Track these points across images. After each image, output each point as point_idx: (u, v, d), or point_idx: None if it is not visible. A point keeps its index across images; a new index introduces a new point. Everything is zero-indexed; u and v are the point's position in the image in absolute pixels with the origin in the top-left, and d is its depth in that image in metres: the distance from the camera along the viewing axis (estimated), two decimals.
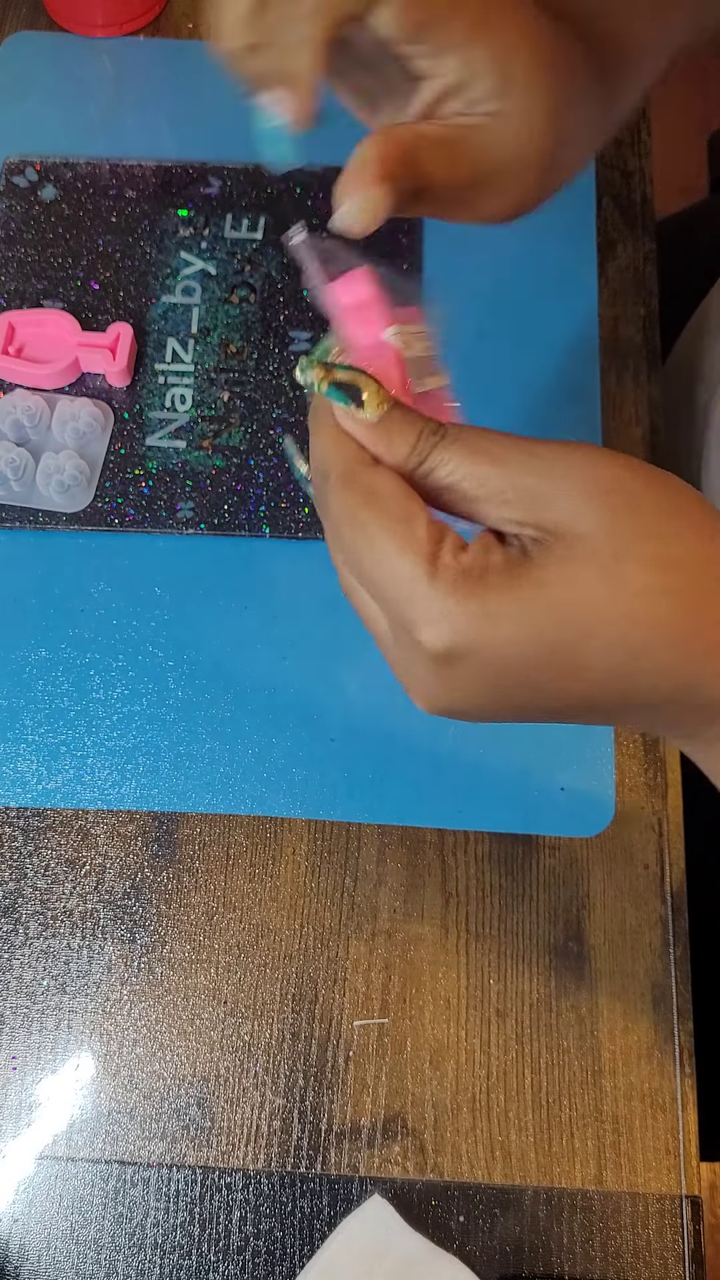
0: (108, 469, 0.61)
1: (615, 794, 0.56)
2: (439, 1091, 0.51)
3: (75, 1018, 0.52)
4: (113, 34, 0.73)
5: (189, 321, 0.65)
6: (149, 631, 0.59)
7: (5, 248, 0.67)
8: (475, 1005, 0.53)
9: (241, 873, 0.55)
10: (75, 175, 0.68)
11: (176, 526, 0.60)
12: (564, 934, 0.54)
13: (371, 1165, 0.50)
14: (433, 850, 0.55)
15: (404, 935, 0.54)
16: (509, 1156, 0.50)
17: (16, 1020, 0.52)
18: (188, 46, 0.73)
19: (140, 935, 0.54)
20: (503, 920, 0.54)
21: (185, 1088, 0.51)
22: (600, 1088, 0.51)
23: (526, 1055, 0.52)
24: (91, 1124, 0.51)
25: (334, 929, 0.54)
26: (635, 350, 0.64)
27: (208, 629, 0.59)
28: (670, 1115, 0.51)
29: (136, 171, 0.69)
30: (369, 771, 0.56)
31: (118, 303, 0.65)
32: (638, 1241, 0.49)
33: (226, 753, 0.56)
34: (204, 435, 0.62)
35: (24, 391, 0.62)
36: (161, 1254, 0.49)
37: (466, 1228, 0.50)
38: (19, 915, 0.54)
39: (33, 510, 0.60)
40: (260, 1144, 0.51)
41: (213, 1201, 0.50)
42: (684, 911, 0.54)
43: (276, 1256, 0.49)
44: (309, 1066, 0.52)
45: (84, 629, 0.59)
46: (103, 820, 0.55)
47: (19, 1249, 0.50)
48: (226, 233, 0.67)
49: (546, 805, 0.56)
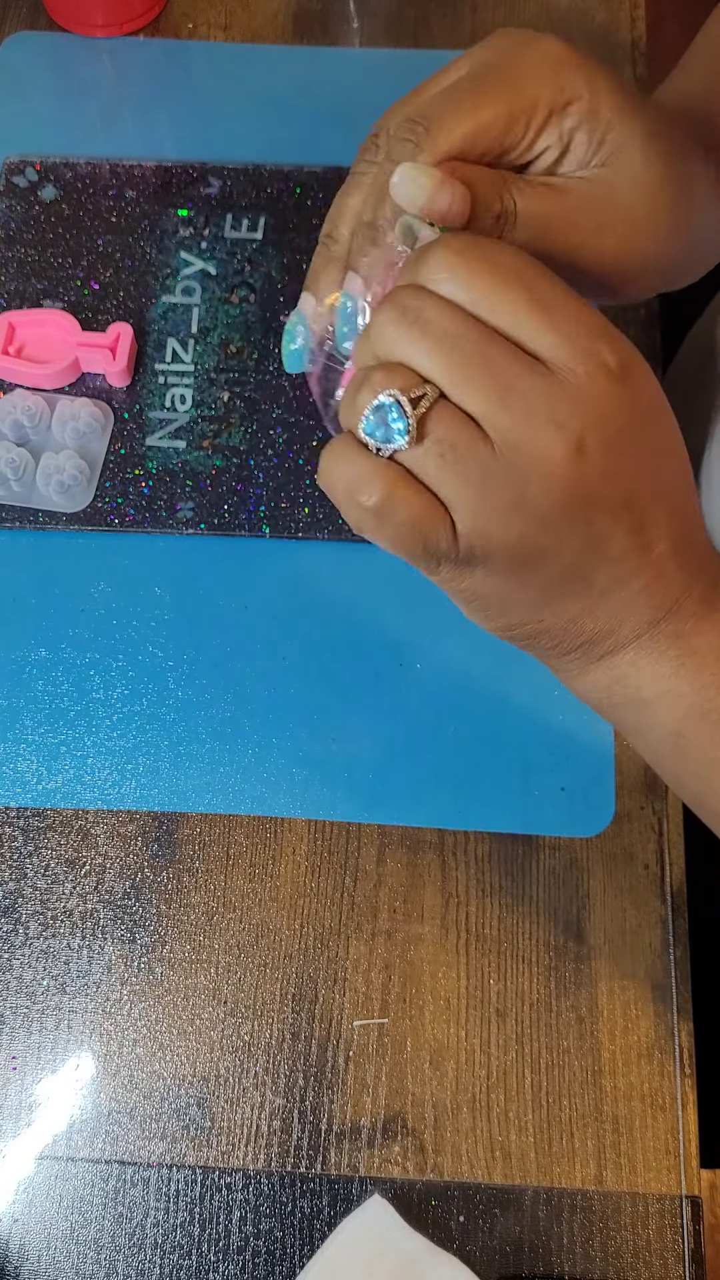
0: (108, 469, 0.61)
1: (615, 794, 0.56)
2: (439, 1091, 0.51)
3: (75, 1018, 0.52)
4: (113, 34, 0.73)
5: (189, 321, 0.65)
6: (149, 631, 0.59)
7: (5, 248, 0.67)
8: (475, 1005, 0.53)
9: (241, 873, 0.55)
10: (75, 175, 0.68)
11: (176, 526, 0.60)
12: (564, 934, 0.54)
13: (371, 1165, 0.50)
14: (433, 850, 0.55)
15: (404, 935, 0.54)
16: (509, 1156, 0.50)
17: (16, 1020, 0.52)
18: (188, 46, 0.73)
19: (140, 935, 0.54)
20: (503, 920, 0.54)
21: (185, 1088, 0.51)
22: (600, 1088, 0.51)
23: (526, 1055, 0.52)
24: (91, 1124, 0.51)
25: (334, 929, 0.54)
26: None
27: (208, 629, 0.59)
28: (670, 1115, 0.51)
29: (136, 171, 0.69)
30: (369, 771, 0.56)
31: (118, 303, 0.65)
32: (638, 1241, 0.49)
33: (226, 753, 0.56)
34: (204, 435, 0.62)
35: (24, 391, 0.62)
36: (161, 1254, 0.49)
37: (466, 1228, 0.50)
38: (19, 915, 0.54)
39: (33, 510, 0.60)
40: (260, 1144, 0.51)
41: (213, 1201, 0.50)
42: (684, 911, 0.54)
43: (276, 1256, 0.49)
44: (309, 1066, 0.52)
45: (84, 629, 0.59)
46: (103, 820, 0.55)
47: (19, 1249, 0.50)
48: (226, 233, 0.67)
49: (546, 805, 0.56)
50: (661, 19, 0.80)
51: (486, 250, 0.35)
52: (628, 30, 0.74)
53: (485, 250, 0.35)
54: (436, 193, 0.37)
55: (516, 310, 0.35)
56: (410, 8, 0.74)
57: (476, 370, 0.34)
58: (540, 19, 0.74)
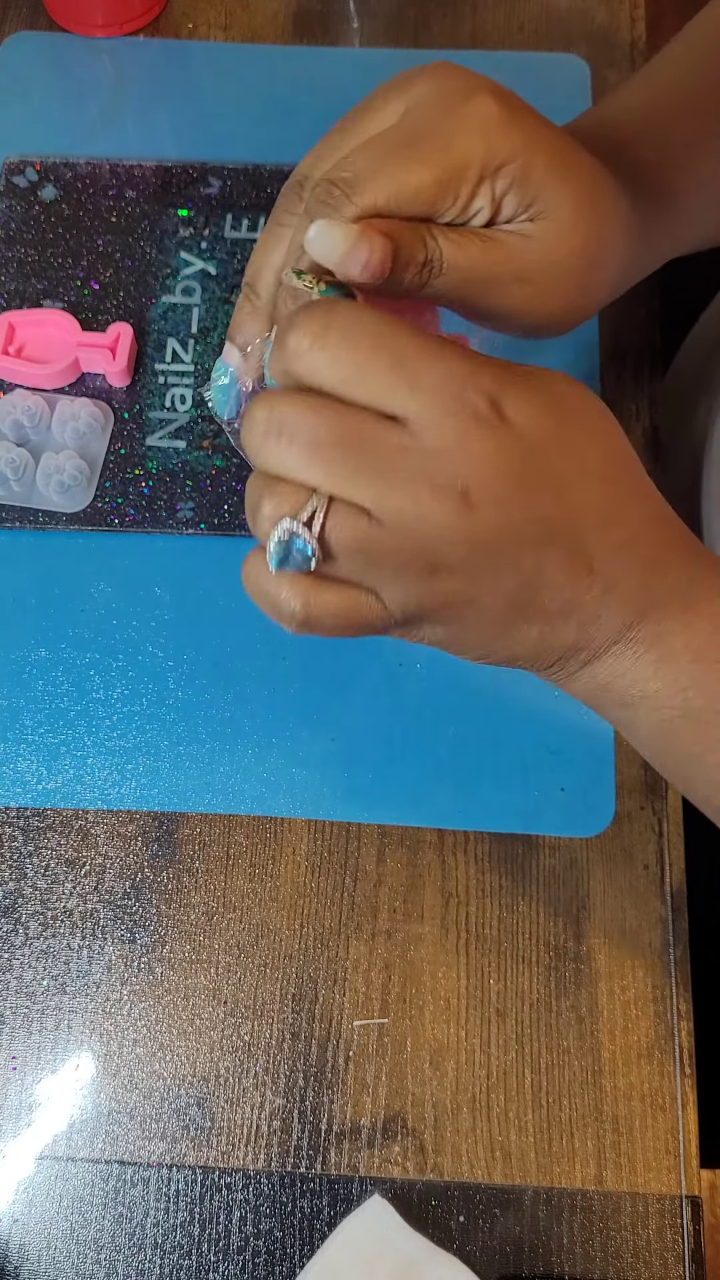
0: (108, 469, 0.61)
1: (615, 794, 0.56)
2: (439, 1091, 0.51)
3: (75, 1018, 0.52)
4: (113, 34, 0.73)
5: (189, 321, 0.65)
6: (149, 631, 0.59)
7: (5, 248, 0.67)
8: (475, 1005, 0.53)
9: (241, 873, 0.55)
10: (75, 175, 0.68)
11: (176, 526, 0.60)
12: (564, 934, 0.54)
13: (371, 1165, 0.50)
14: (433, 850, 0.55)
15: (404, 935, 0.54)
16: (509, 1156, 0.50)
17: (16, 1020, 0.52)
18: (188, 46, 0.73)
19: (140, 935, 0.54)
20: (503, 920, 0.54)
21: (185, 1088, 0.51)
22: (600, 1088, 0.51)
23: (526, 1055, 0.52)
24: (91, 1124, 0.51)
25: (334, 929, 0.54)
26: (635, 350, 0.64)
27: (208, 629, 0.59)
28: (670, 1115, 0.51)
29: (136, 171, 0.69)
30: (369, 771, 0.56)
31: (118, 303, 0.65)
32: (638, 1241, 0.49)
33: (226, 753, 0.56)
34: (204, 435, 0.62)
35: (24, 391, 0.62)
36: (161, 1254, 0.49)
37: (466, 1228, 0.50)
38: (19, 915, 0.54)
39: (33, 510, 0.60)
40: (260, 1144, 0.51)
41: (213, 1201, 0.50)
42: (684, 911, 0.54)
43: (276, 1256, 0.49)
44: (309, 1066, 0.52)
45: (84, 629, 0.59)
46: (103, 820, 0.55)
47: (19, 1249, 0.50)
48: (226, 233, 0.67)
49: (546, 805, 0.56)
50: (661, 19, 0.80)
51: (341, 325, 0.35)
52: (628, 30, 0.74)
53: (339, 326, 0.35)
54: (354, 248, 0.36)
55: (378, 382, 0.34)
56: (410, 8, 0.74)
57: (349, 467, 0.35)
58: (540, 19, 0.74)
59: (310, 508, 0.35)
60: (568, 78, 0.72)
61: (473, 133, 0.38)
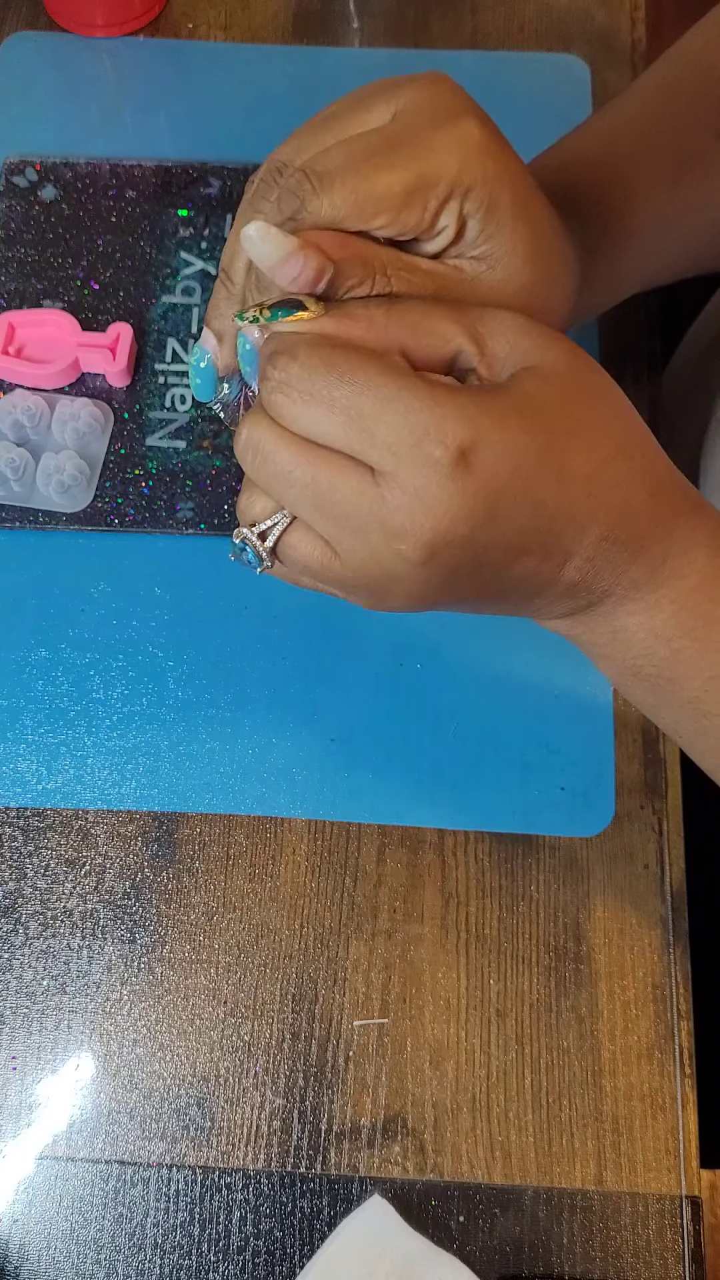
0: (108, 469, 0.61)
1: (615, 793, 0.56)
2: (439, 1091, 0.51)
3: (75, 1018, 0.52)
4: (113, 34, 0.73)
5: (189, 321, 0.65)
6: (149, 631, 0.59)
7: (5, 248, 0.67)
8: (475, 1005, 0.53)
9: (241, 873, 0.55)
10: (75, 175, 0.68)
11: (176, 526, 0.60)
12: (564, 934, 0.54)
13: (371, 1165, 0.50)
14: (433, 850, 0.55)
15: (404, 935, 0.54)
16: (509, 1156, 0.50)
17: (16, 1020, 0.52)
18: (188, 46, 0.73)
19: (140, 935, 0.54)
20: (503, 920, 0.54)
21: (185, 1088, 0.51)
22: (600, 1088, 0.51)
23: (526, 1055, 0.52)
24: (91, 1124, 0.51)
25: (334, 929, 0.54)
26: (635, 351, 0.64)
27: (208, 629, 0.59)
28: (670, 1116, 0.51)
29: (136, 171, 0.69)
30: (369, 771, 0.56)
31: (118, 303, 0.65)
32: (638, 1241, 0.49)
33: (226, 753, 0.56)
34: (204, 435, 0.62)
35: (24, 391, 0.62)
36: (161, 1254, 0.49)
37: (466, 1228, 0.50)
38: (19, 915, 0.54)
39: (33, 510, 0.60)
40: (260, 1144, 0.51)
41: (213, 1201, 0.50)
42: (684, 911, 0.54)
43: (276, 1256, 0.49)
44: (309, 1066, 0.52)
45: (84, 629, 0.59)
46: (103, 820, 0.55)
47: (19, 1249, 0.50)
48: (226, 233, 0.67)
49: (546, 805, 0.56)
50: (661, 19, 0.80)
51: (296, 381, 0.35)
52: (628, 31, 0.74)
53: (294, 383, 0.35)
54: (287, 259, 0.36)
55: (339, 436, 0.35)
56: (410, 8, 0.74)
57: (309, 504, 0.36)
58: (540, 19, 0.74)
59: (273, 521, 0.38)
60: (567, 78, 0.72)
61: (451, 150, 0.38)
